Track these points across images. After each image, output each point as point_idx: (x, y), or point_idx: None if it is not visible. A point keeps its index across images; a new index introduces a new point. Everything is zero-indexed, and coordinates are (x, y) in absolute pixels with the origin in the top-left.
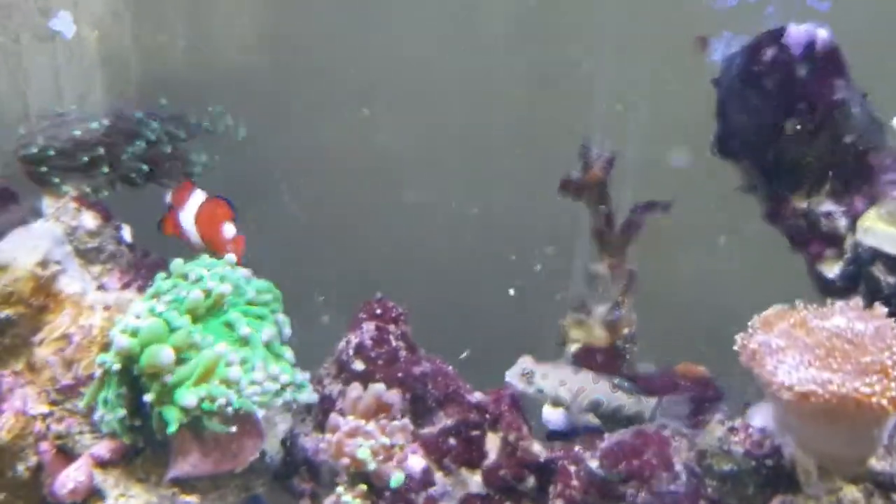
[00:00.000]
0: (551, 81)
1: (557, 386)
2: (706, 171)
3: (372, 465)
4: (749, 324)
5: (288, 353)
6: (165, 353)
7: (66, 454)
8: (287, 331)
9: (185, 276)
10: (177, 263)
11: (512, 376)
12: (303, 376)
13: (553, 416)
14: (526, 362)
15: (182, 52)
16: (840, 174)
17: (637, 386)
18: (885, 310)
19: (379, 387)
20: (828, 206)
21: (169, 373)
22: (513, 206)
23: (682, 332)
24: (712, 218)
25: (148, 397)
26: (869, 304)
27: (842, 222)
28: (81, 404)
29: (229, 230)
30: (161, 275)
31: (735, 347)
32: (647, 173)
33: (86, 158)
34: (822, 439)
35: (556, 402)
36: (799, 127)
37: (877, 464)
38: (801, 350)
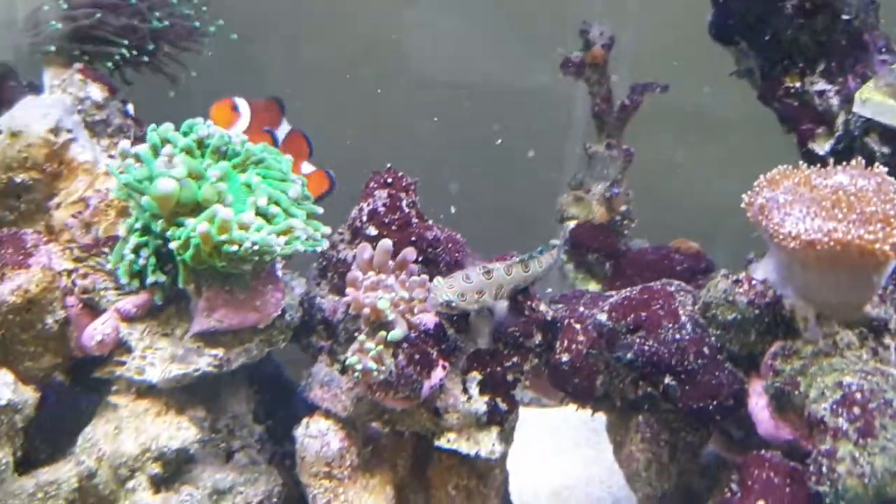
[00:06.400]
0: None
1: (477, 300)
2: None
3: (391, 316)
4: (755, 183)
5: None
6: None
7: (92, 308)
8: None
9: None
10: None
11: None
12: (324, 230)
13: (499, 311)
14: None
15: None
16: (834, 53)
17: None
18: (886, 168)
19: (386, 242)
20: (821, 85)
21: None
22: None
23: (676, 215)
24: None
25: (173, 244)
26: None
27: (834, 101)
28: (107, 262)
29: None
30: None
31: (742, 205)
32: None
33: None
34: (823, 287)
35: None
36: (798, 5)
37: (872, 310)
38: (806, 203)
